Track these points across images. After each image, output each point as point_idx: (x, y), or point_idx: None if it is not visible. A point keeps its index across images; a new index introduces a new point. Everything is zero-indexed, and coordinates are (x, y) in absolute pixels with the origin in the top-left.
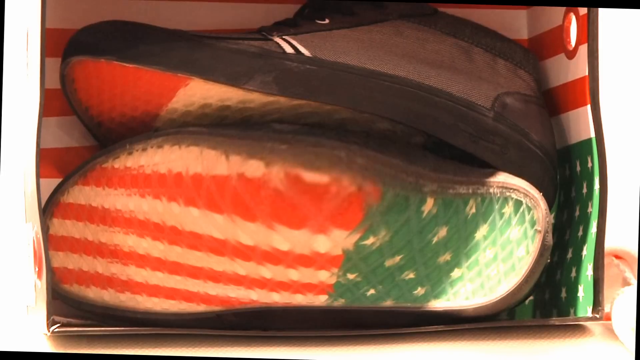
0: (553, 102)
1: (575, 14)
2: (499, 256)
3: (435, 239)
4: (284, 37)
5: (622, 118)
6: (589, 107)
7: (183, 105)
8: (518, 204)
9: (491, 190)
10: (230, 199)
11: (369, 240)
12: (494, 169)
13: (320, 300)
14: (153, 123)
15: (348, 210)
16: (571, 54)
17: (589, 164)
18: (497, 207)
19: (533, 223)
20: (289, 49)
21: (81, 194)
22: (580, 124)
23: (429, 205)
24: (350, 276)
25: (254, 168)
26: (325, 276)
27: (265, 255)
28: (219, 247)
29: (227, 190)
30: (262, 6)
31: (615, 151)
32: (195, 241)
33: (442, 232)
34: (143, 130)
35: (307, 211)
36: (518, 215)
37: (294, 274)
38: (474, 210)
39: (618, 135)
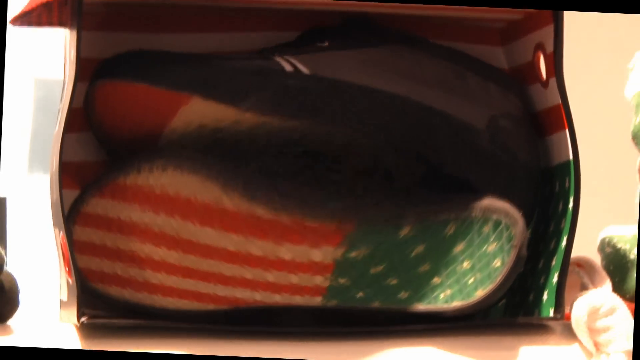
0: (536, 125)
1: (542, 52)
2: (476, 267)
3: (413, 254)
4: (284, 56)
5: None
6: (567, 131)
7: (182, 126)
8: (497, 223)
9: (473, 213)
10: (244, 225)
11: (353, 253)
12: (480, 193)
13: (316, 301)
14: (156, 142)
15: (328, 237)
16: (545, 85)
17: (567, 184)
18: (476, 227)
19: (510, 239)
20: (288, 67)
21: (99, 206)
22: (561, 146)
23: (405, 230)
24: (341, 280)
25: (258, 210)
26: (320, 280)
27: (271, 263)
28: (231, 257)
29: (239, 219)
30: (262, 35)
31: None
32: (210, 252)
33: (420, 248)
34: (147, 148)
35: (305, 236)
36: (496, 233)
37: (294, 278)
38: (452, 231)
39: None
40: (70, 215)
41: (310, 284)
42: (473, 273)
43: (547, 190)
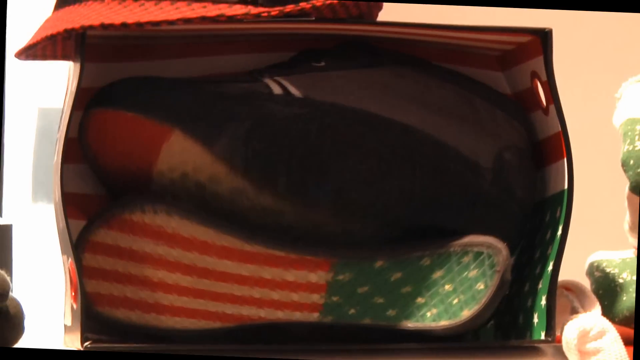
0: (538, 155)
1: (539, 80)
2: (458, 289)
3: (393, 278)
4: (275, 77)
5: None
6: (565, 160)
7: (167, 172)
8: (479, 254)
9: (451, 249)
10: (259, 257)
11: (340, 277)
12: (462, 234)
13: (314, 316)
14: (149, 184)
15: (320, 265)
16: (546, 112)
17: (558, 214)
18: (455, 258)
19: (492, 266)
20: (277, 90)
21: (108, 236)
22: (557, 177)
23: (380, 263)
24: (334, 298)
25: (268, 251)
26: (317, 298)
27: (278, 284)
28: (244, 280)
29: (255, 254)
30: (257, 56)
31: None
32: (224, 277)
33: (398, 275)
34: (140, 188)
35: (304, 264)
36: (477, 262)
37: (295, 296)
38: (428, 263)
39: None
40: (79, 244)
41: (308, 301)
42: (456, 294)
43: (537, 221)
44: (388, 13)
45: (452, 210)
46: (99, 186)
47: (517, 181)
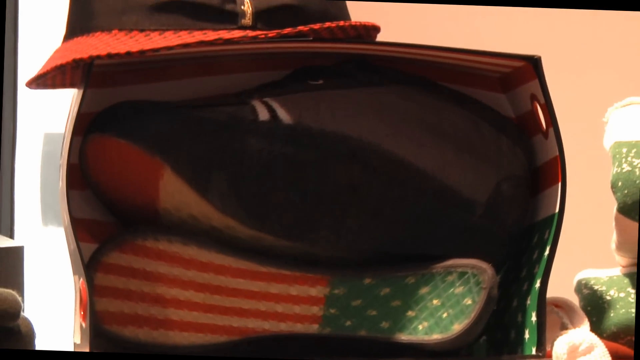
0: (535, 181)
1: (537, 102)
2: (447, 304)
3: (382, 293)
4: (264, 99)
5: None
6: (559, 184)
7: (174, 209)
8: (463, 274)
9: (434, 271)
10: (270, 275)
11: (336, 291)
12: (447, 258)
13: (314, 328)
14: (157, 218)
15: (318, 281)
16: (546, 135)
17: (546, 236)
18: (439, 277)
19: (478, 283)
20: (264, 115)
21: (121, 259)
22: (550, 201)
23: (367, 280)
24: (332, 310)
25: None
26: (316, 310)
27: (282, 297)
28: (253, 295)
29: (267, 272)
30: (254, 75)
31: None
32: (235, 292)
33: (386, 290)
34: (149, 221)
35: (306, 280)
36: (462, 280)
37: (297, 309)
38: (413, 280)
39: None
40: (91, 264)
41: (309, 313)
42: (445, 309)
43: (524, 243)
44: (385, 37)
45: (438, 239)
46: (107, 213)
47: (510, 211)
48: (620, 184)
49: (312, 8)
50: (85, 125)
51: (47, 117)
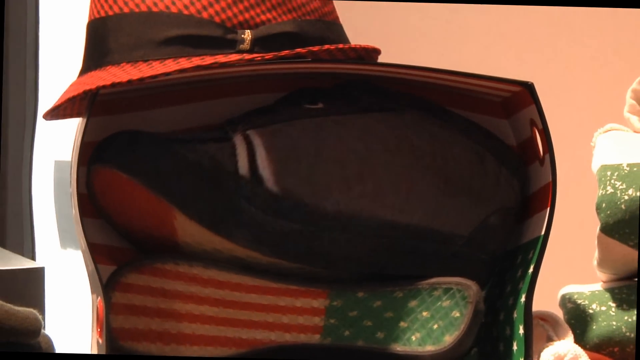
0: (525, 208)
1: (536, 128)
2: (436, 316)
3: (375, 305)
4: (247, 131)
5: None
6: (548, 209)
7: (195, 243)
8: (448, 289)
9: (420, 287)
10: (280, 290)
11: (335, 303)
12: (429, 278)
13: (316, 338)
14: (177, 248)
15: (319, 294)
16: (542, 162)
17: (530, 256)
18: (425, 292)
19: (464, 297)
20: (242, 163)
21: (139, 279)
22: (537, 225)
23: (360, 294)
24: (332, 321)
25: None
26: (318, 320)
27: (289, 309)
28: (263, 308)
29: (278, 287)
30: (248, 98)
31: None
32: (247, 306)
33: (378, 303)
34: (169, 250)
35: (309, 294)
36: (448, 294)
37: (301, 319)
38: (401, 295)
39: None
40: (109, 284)
41: (311, 323)
42: (435, 320)
43: (508, 263)
44: (386, 59)
45: (419, 264)
46: (124, 240)
47: (494, 240)
48: (604, 205)
49: (311, 34)
50: (89, 155)
51: (56, 145)
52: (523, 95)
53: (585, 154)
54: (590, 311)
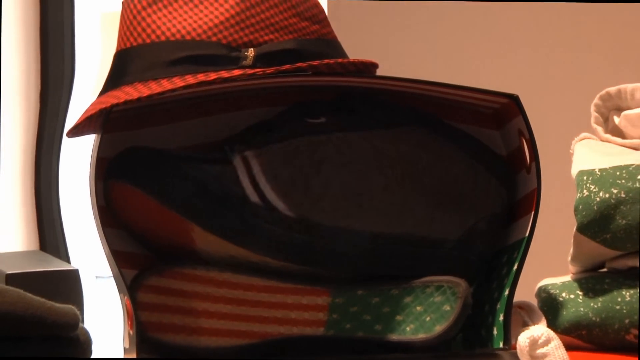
0: (512, 212)
1: (524, 138)
2: (429, 310)
3: (373, 302)
4: (245, 153)
5: None
6: (532, 213)
7: (214, 252)
8: (439, 287)
9: (413, 285)
10: (290, 289)
11: (337, 299)
12: (422, 277)
13: (320, 331)
14: (195, 255)
15: (323, 293)
16: (529, 170)
17: (514, 255)
18: (419, 290)
19: (454, 293)
20: (245, 184)
21: (160, 282)
22: (522, 228)
23: (359, 292)
24: (334, 316)
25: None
26: (322, 315)
27: (296, 306)
28: (274, 305)
29: (288, 287)
30: (252, 112)
31: None
32: (259, 304)
33: (376, 299)
34: (187, 256)
35: (314, 292)
36: (439, 291)
37: (306, 315)
38: (396, 292)
39: None
40: (133, 286)
41: (316, 318)
42: (427, 314)
43: (494, 262)
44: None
45: (415, 266)
46: (141, 247)
47: (482, 243)
48: (581, 207)
49: (311, 51)
50: (104, 170)
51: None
52: (511, 106)
53: (568, 161)
54: (561, 299)
